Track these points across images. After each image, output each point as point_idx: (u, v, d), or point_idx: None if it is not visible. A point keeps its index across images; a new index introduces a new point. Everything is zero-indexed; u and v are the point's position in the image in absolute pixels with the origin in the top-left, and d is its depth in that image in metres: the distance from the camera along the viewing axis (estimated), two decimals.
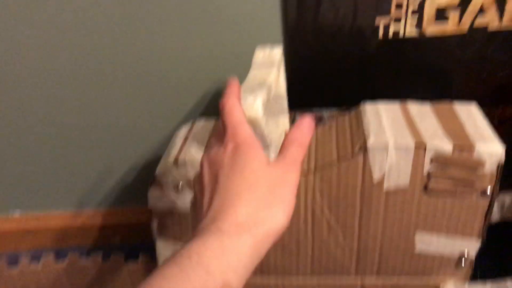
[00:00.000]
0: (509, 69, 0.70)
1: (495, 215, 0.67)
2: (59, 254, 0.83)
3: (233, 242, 0.34)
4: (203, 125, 0.60)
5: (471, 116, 0.55)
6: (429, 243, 0.55)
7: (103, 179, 0.80)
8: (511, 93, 0.69)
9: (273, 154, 0.49)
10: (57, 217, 0.83)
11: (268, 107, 0.60)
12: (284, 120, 0.61)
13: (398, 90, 0.71)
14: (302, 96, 0.73)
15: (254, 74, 0.53)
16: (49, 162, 0.78)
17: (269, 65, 0.54)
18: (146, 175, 0.79)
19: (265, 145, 0.48)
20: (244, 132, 0.40)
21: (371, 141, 0.50)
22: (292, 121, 0.74)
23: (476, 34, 0.66)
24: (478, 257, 0.57)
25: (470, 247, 0.55)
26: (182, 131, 0.61)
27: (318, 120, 0.75)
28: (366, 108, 0.57)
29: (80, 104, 0.72)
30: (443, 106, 0.57)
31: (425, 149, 0.49)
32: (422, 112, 0.56)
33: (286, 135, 0.42)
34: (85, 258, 0.70)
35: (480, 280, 0.57)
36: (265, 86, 0.49)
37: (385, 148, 0.50)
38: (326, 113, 0.74)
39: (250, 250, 0.35)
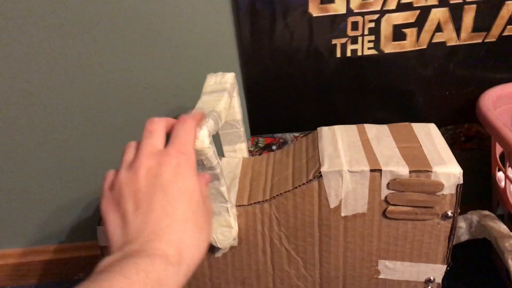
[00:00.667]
0: (472, 86, 0.69)
1: (464, 235, 0.66)
2: None
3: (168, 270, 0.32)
4: None
5: (430, 137, 0.53)
6: (393, 270, 0.53)
7: (75, 212, 0.78)
8: (475, 110, 0.68)
9: (223, 187, 0.47)
10: (12, 254, 0.80)
11: (224, 133, 0.58)
12: (241, 146, 0.59)
13: (358, 109, 0.70)
14: (263, 121, 0.71)
15: (203, 101, 0.51)
16: (15, 197, 0.75)
17: (220, 91, 0.52)
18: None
19: (215, 175, 0.46)
20: (191, 154, 0.38)
21: (325, 167, 0.48)
22: (255, 145, 0.72)
23: (436, 50, 0.65)
24: (447, 277, 0.55)
25: (436, 272, 0.53)
26: None
27: (282, 145, 0.73)
28: (322, 132, 0.56)
29: (49, 136, 0.69)
30: (402, 127, 0.56)
31: (381, 174, 0.48)
32: (380, 135, 0.54)
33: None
34: None
35: None
36: (213, 114, 0.47)
37: (340, 174, 0.48)
38: (289, 136, 0.73)
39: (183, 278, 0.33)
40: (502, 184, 0.65)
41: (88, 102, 0.67)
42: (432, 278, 0.53)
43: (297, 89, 0.68)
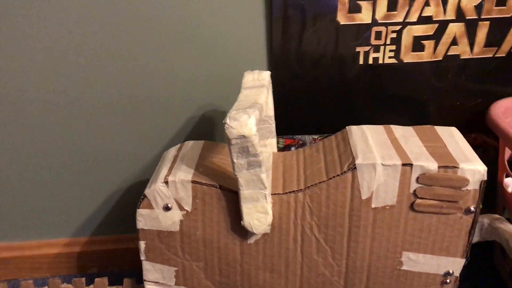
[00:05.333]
0: (481, 98, 0.74)
1: (475, 237, 0.69)
2: (38, 283, 0.80)
3: None
4: (192, 146, 0.61)
5: (453, 138, 0.57)
6: (415, 262, 0.56)
7: (86, 207, 0.79)
8: (482, 121, 0.72)
9: (263, 174, 0.50)
10: (34, 246, 0.81)
11: (258, 128, 0.61)
12: (272, 141, 0.62)
13: (376, 115, 0.74)
14: (284, 122, 0.74)
15: (245, 94, 0.54)
16: (29, 191, 0.76)
17: (259, 87, 0.55)
18: (131, 202, 0.78)
19: (257, 162, 0.48)
20: None
21: (359, 160, 0.52)
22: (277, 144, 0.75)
23: (450, 61, 0.70)
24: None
25: (455, 265, 0.56)
26: (171, 152, 0.61)
27: (300, 146, 0.76)
28: (352, 130, 0.59)
29: (63, 130, 0.71)
30: (426, 129, 0.59)
31: (411, 168, 0.51)
32: (406, 134, 0.58)
33: None
34: (67, 283, 0.68)
35: None
36: (257, 106, 0.50)
37: (373, 167, 0.51)
38: (308, 139, 0.76)
39: None
40: (510, 189, 0.69)
41: (126, 99, 0.69)
42: (451, 271, 0.57)
43: (319, 92, 0.72)
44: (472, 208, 0.53)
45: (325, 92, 0.72)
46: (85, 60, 0.66)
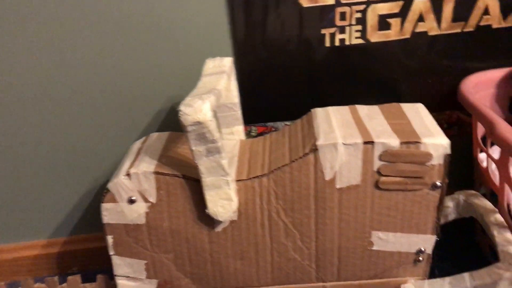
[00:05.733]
0: (453, 74, 0.73)
1: (452, 214, 0.69)
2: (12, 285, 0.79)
3: None
4: (156, 137, 0.60)
5: (418, 114, 0.56)
6: (385, 241, 0.55)
7: (62, 207, 0.78)
8: (455, 98, 0.72)
9: (224, 161, 0.49)
10: (12, 249, 0.80)
11: (222, 116, 0.60)
12: (238, 129, 0.61)
13: (347, 97, 0.73)
14: (256, 111, 0.73)
15: (204, 81, 0.53)
16: (3, 194, 0.75)
17: (219, 73, 0.55)
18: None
19: (216, 148, 0.48)
20: None
21: (321, 141, 0.51)
22: (248, 134, 0.75)
23: (418, 39, 0.69)
24: (436, 256, 0.58)
25: (426, 242, 0.56)
26: (136, 145, 0.60)
27: None
28: (316, 112, 0.58)
29: (36, 130, 0.70)
30: (391, 107, 0.59)
31: (373, 146, 0.51)
32: (371, 114, 0.57)
33: None
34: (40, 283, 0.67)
35: (439, 277, 0.58)
36: (214, 92, 0.49)
37: (335, 147, 0.51)
38: (281, 125, 0.75)
39: None
40: (484, 164, 0.69)
41: (93, 95, 0.69)
42: (422, 249, 0.56)
43: (288, 78, 0.71)
44: (438, 183, 0.52)
45: (294, 77, 0.71)
46: (50, 56, 0.65)
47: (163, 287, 0.58)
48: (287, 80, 0.71)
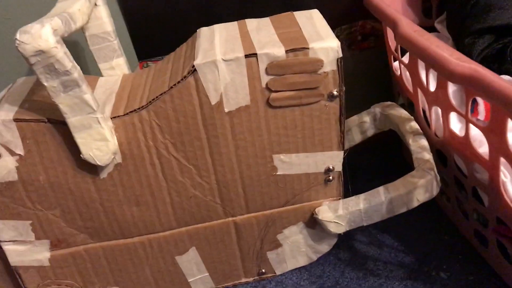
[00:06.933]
0: None
1: (370, 129, 0.65)
2: None
3: None
4: (23, 82, 0.52)
5: (311, 21, 0.51)
6: (289, 164, 0.51)
7: None
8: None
9: (86, 95, 0.42)
10: None
11: (96, 48, 0.53)
12: (118, 61, 0.54)
13: (246, 14, 0.66)
14: (149, 44, 0.66)
15: (57, 7, 0.46)
16: None
17: None
18: None
19: (73, 81, 0.41)
20: None
21: (198, 60, 0.45)
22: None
23: None
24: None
25: (334, 159, 0.52)
26: (1, 93, 0.52)
27: None
28: (201, 31, 0.52)
29: None
30: (283, 16, 0.53)
31: (257, 58, 0.45)
32: (260, 26, 0.51)
33: None
34: None
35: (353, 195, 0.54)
36: (61, 15, 0.42)
37: (214, 64, 0.45)
38: None
39: None
40: (398, 72, 0.64)
41: None
42: (331, 167, 0.52)
43: (178, 4, 0.63)
44: (335, 92, 0.47)
45: (182, 3, 0.64)
46: None
47: (57, 246, 0.53)
48: (176, 7, 0.64)
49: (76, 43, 0.63)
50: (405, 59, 0.59)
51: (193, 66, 0.45)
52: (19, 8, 0.60)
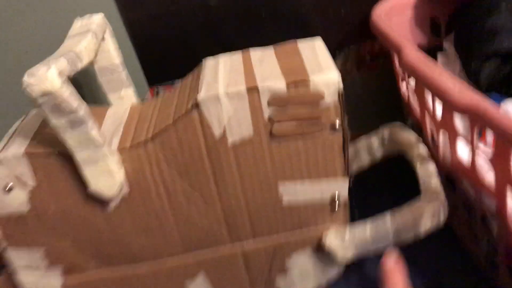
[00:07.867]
0: (364, 3, 0.68)
1: (378, 152, 0.65)
2: None
3: None
4: (35, 114, 0.54)
5: (313, 51, 0.51)
6: (295, 192, 0.51)
7: None
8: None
9: (93, 131, 0.44)
10: None
11: (105, 80, 0.54)
12: (127, 92, 0.56)
13: (253, 41, 0.67)
14: (158, 69, 0.68)
15: (64, 46, 0.47)
16: None
17: (83, 33, 0.49)
18: None
19: (79, 119, 0.42)
20: None
21: (202, 94, 0.46)
22: (156, 95, 0.69)
23: None
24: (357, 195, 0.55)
25: (339, 186, 0.52)
26: (14, 126, 0.54)
27: None
28: (206, 62, 0.53)
29: None
30: (287, 45, 0.53)
31: (258, 92, 0.45)
32: (263, 56, 0.52)
33: None
34: None
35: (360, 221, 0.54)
36: (68, 54, 0.43)
37: (217, 98, 0.45)
38: None
39: None
40: (406, 95, 0.64)
41: None
42: (337, 194, 0.52)
43: (185, 28, 0.65)
44: (337, 123, 0.47)
45: (191, 27, 0.65)
46: None
47: (69, 272, 0.54)
48: (184, 31, 0.65)
49: (87, 70, 0.65)
50: (413, 82, 0.59)
51: (196, 99, 0.46)
52: (36, 42, 0.62)
